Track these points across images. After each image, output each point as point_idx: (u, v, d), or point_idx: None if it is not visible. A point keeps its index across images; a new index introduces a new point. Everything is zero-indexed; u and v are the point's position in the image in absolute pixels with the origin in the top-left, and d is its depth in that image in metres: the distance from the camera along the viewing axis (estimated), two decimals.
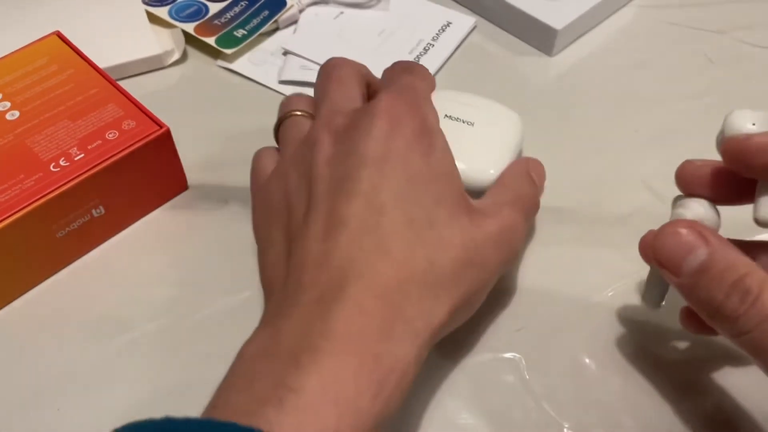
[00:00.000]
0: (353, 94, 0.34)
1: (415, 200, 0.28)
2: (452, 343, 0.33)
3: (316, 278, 0.27)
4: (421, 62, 0.49)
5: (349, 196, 0.28)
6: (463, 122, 0.36)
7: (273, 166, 0.34)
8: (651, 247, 0.27)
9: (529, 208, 0.33)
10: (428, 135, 0.30)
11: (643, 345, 0.35)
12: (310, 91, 0.48)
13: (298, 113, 0.35)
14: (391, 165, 0.29)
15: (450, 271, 0.28)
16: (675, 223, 0.27)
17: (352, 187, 0.28)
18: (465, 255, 0.28)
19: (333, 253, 0.27)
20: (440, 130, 0.32)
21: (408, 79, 0.34)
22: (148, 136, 0.37)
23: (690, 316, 0.32)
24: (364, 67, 0.37)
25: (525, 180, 0.34)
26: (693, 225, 0.27)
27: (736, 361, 0.34)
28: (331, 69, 0.36)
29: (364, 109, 0.31)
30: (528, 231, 0.37)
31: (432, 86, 0.36)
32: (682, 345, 0.35)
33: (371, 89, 0.36)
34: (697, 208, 0.29)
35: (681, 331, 0.32)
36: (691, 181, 0.30)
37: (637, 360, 0.34)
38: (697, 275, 0.26)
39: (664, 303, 0.32)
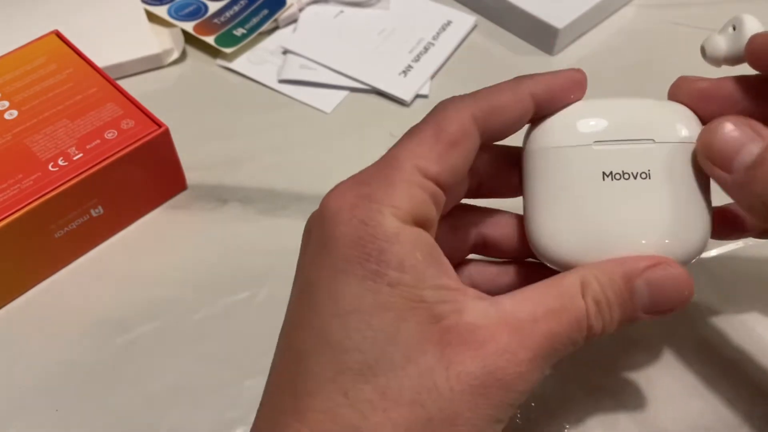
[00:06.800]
0: None
1: (350, 339, 0.21)
2: None
3: None
4: (421, 61, 0.49)
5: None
6: (634, 176, 0.25)
7: None
8: (699, 144, 0.24)
9: (567, 336, 0.22)
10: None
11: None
12: (309, 90, 0.48)
13: None
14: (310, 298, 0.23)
15: None
16: (721, 119, 0.24)
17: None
18: (418, 414, 0.20)
19: None
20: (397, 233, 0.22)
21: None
22: (147, 135, 0.37)
23: (722, 220, 0.28)
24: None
25: (611, 289, 0.23)
26: (740, 118, 0.24)
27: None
28: None
29: None
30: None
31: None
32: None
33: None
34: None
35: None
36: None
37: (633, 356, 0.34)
38: (751, 170, 0.23)
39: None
